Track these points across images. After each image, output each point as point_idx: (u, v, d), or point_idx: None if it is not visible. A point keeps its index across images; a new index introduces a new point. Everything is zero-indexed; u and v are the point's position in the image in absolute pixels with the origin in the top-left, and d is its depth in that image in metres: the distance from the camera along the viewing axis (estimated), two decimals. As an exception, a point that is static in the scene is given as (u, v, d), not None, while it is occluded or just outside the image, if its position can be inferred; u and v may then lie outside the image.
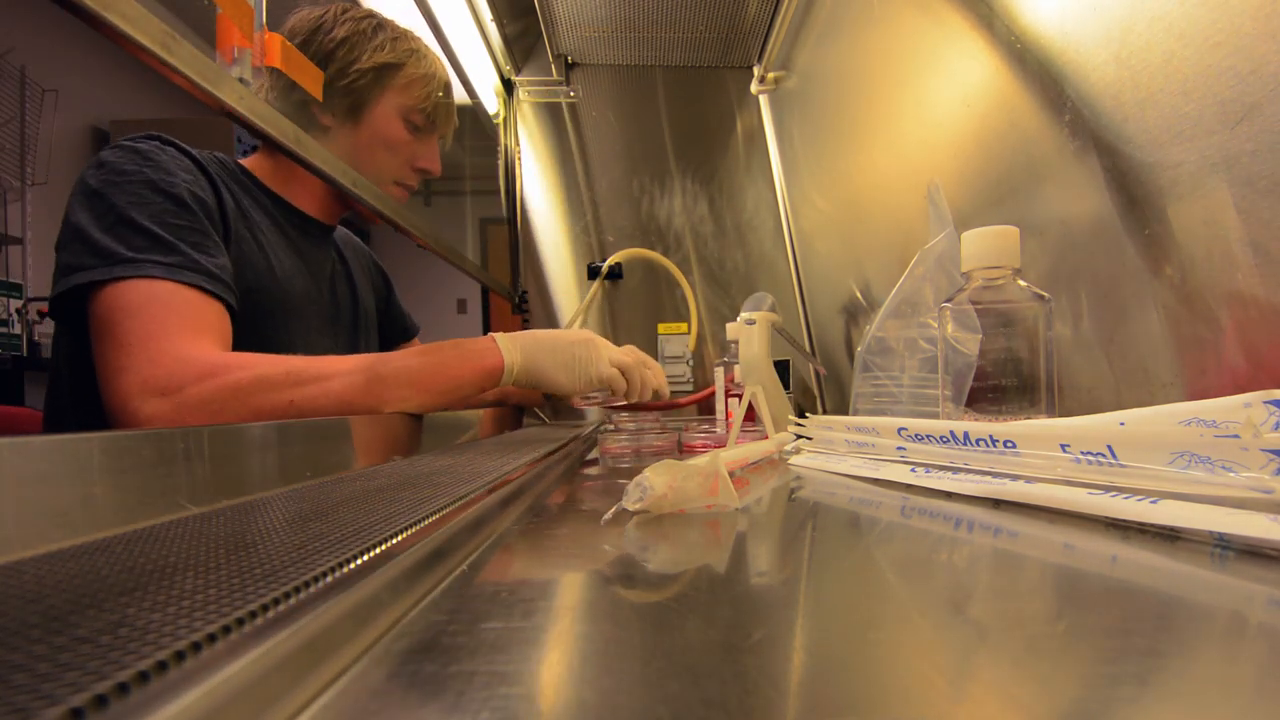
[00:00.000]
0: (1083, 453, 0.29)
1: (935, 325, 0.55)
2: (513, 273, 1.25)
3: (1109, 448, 0.28)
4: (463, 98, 1.17)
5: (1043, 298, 0.42)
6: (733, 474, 0.43)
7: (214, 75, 0.41)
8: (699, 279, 1.23)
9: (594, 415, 1.19)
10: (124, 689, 0.10)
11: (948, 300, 0.45)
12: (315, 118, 0.70)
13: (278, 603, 0.14)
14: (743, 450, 0.49)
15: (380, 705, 0.13)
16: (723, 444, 0.59)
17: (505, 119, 1.25)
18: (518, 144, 1.24)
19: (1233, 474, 0.23)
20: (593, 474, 0.51)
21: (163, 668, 0.11)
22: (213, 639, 0.12)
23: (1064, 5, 0.45)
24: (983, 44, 0.55)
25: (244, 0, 0.48)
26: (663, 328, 1.23)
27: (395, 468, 0.39)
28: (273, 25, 0.52)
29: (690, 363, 1.21)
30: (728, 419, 0.80)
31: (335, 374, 0.55)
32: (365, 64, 0.70)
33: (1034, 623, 0.17)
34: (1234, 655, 0.15)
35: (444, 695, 0.13)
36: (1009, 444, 0.33)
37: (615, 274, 1.22)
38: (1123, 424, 0.28)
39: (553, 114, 1.24)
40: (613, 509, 0.30)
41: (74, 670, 0.10)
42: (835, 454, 0.49)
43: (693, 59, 1.20)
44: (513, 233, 1.25)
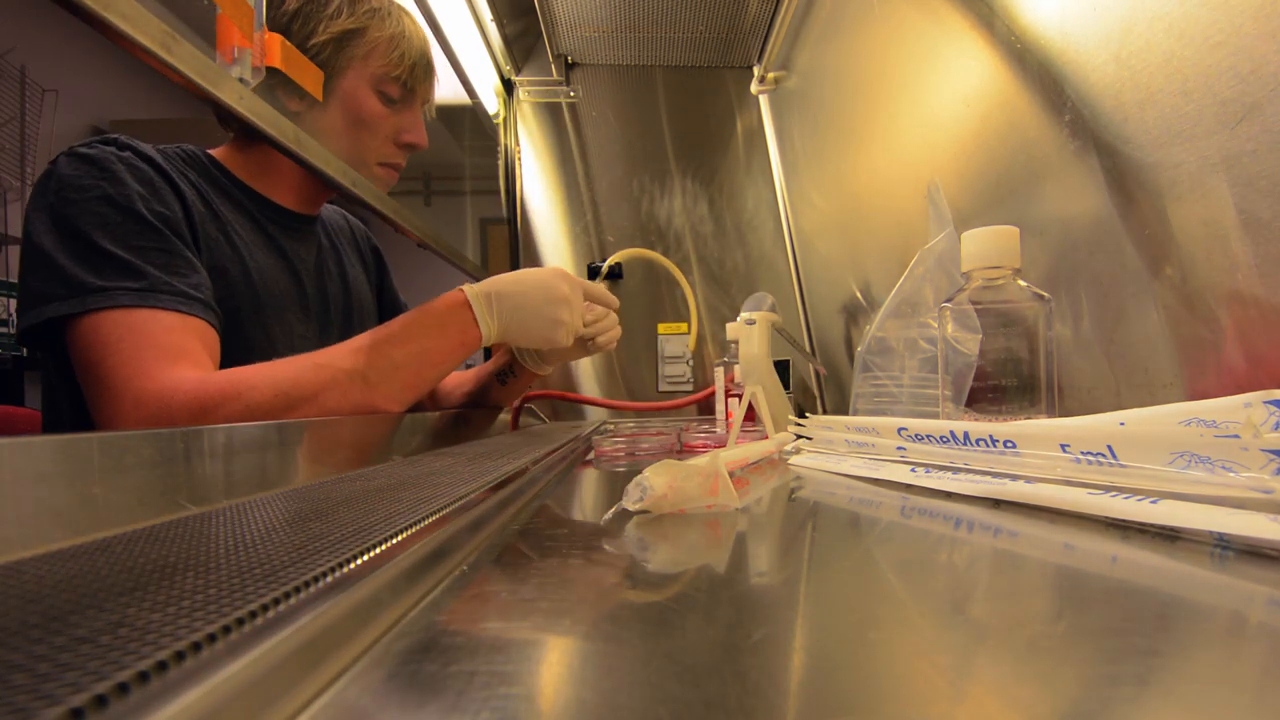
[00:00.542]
0: (1083, 453, 0.29)
1: (935, 325, 0.55)
2: (513, 273, 1.25)
3: (1109, 448, 0.28)
4: (463, 98, 1.17)
5: (1043, 298, 0.42)
6: (733, 474, 0.43)
7: (214, 75, 0.41)
8: (699, 279, 1.23)
9: (594, 415, 1.19)
10: (124, 689, 0.10)
11: (948, 300, 0.45)
12: (281, 102, 0.62)
13: (278, 603, 0.14)
14: (743, 450, 0.49)
15: (380, 705, 0.13)
16: (723, 444, 0.59)
17: (505, 119, 1.25)
18: (518, 144, 1.24)
19: (1233, 474, 0.23)
20: (592, 474, 0.51)
21: (163, 668, 0.11)
22: (213, 639, 0.12)
23: (1064, 5, 0.45)
24: (983, 44, 0.55)
25: (244, 0, 0.48)
26: (663, 328, 1.23)
27: (395, 468, 0.39)
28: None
29: (690, 363, 1.21)
30: (728, 419, 0.80)
31: (324, 388, 0.53)
32: (322, 35, 0.62)
33: (1034, 623, 0.17)
34: (1234, 655, 0.15)
35: (444, 695, 0.13)
36: (1009, 444, 0.33)
37: (615, 274, 1.22)
38: (1123, 424, 0.28)
39: (553, 114, 1.24)
40: (613, 509, 0.30)
41: (74, 670, 0.10)
42: (835, 454, 0.49)
43: (693, 59, 1.20)
44: (513, 233, 1.25)
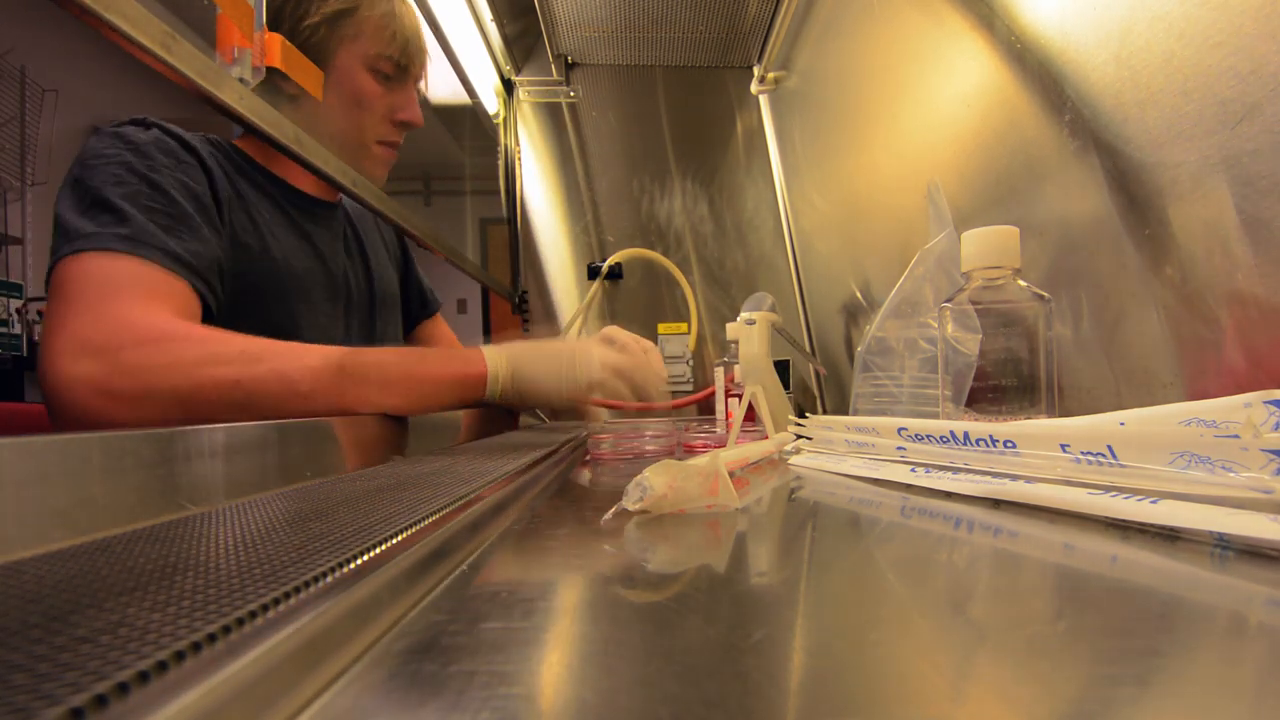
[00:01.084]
0: (1083, 453, 0.29)
1: (935, 325, 0.55)
2: (513, 273, 1.25)
3: (1109, 448, 0.28)
4: (463, 98, 1.17)
5: (1043, 298, 0.42)
6: (733, 474, 0.43)
7: (214, 75, 0.41)
8: (699, 279, 1.23)
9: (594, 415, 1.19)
10: (124, 689, 0.10)
11: (948, 300, 0.45)
12: (280, 87, 0.62)
13: (278, 603, 0.14)
14: (743, 450, 0.49)
15: (380, 705, 0.13)
16: (722, 444, 0.59)
17: (505, 119, 1.25)
18: (518, 144, 1.24)
19: (1233, 474, 0.23)
20: (592, 475, 0.51)
21: (163, 668, 0.11)
22: (213, 639, 0.12)
23: (1064, 5, 0.45)
24: (983, 44, 0.55)
25: (244, 0, 0.48)
26: (663, 328, 1.23)
27: (395, 468, 0.39)
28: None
29: (690, 363, 1.21)
30: (728, 419, 0.80)
31: (296, 359, 0.50)
32: (315, 17, 0.63)
33: (1034, 623, 0.17)
34: (1234, 655, 0.15)
35: (444, 695, 0.13)
36: (1009, 444, 0.33)
37: (615, 274, 1.22)
38: (1123, 424, 0.28)
39: (553, 114, 1.24)
40: (613, 509, 0.30)
41: (74, 670, 0.10)
42: (835, 454, 0.49)
43: (693, 59, 1.20)
44: (513, 233, 1.25)
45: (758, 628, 0.17)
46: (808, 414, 0.57)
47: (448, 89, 1.14)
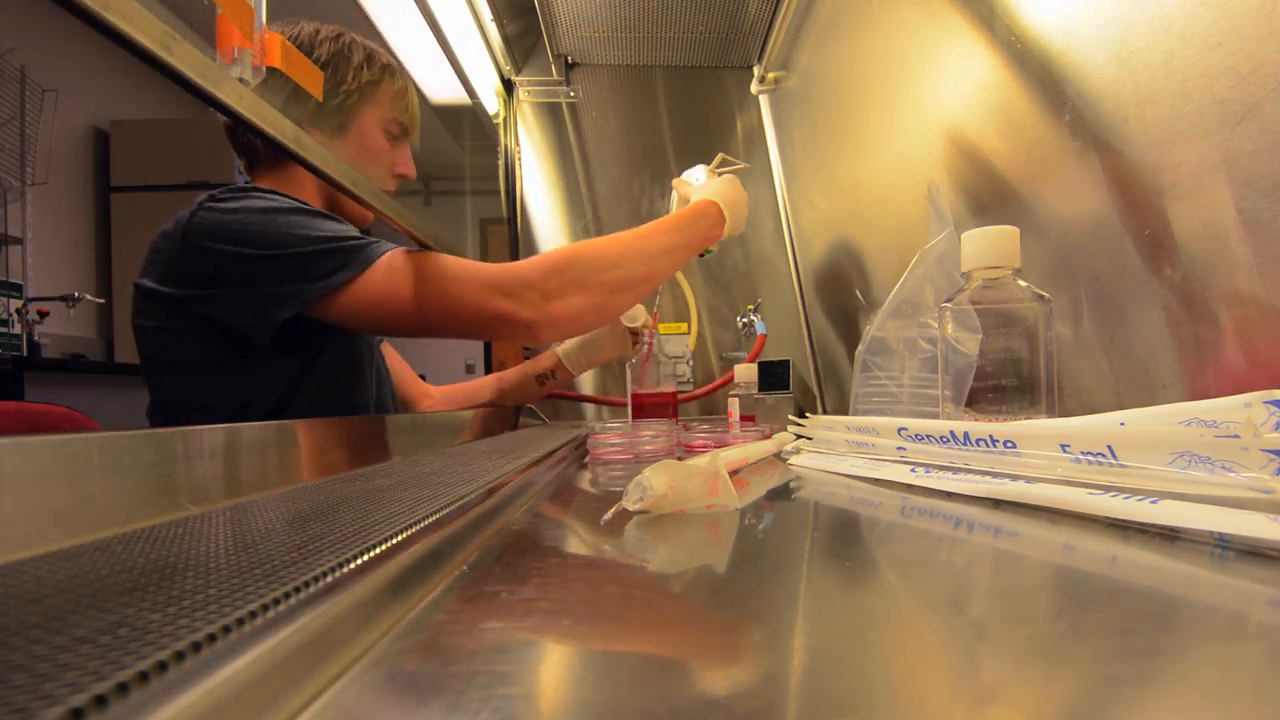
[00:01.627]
0: (1083, 453, 0.29)
1: (935, 325, 0.55)
2: (513, 273, 1.25)
3: (1109, 448, 0.28)
4: (463, 98, 1.17)
5: (1043, 298, 0.42)
6: (733, 474, 0.43)
7: (214, 75, 0.41)
8: (699, 279, 1.23)
9: (595, 415, 1.19)
10: (124, 689, 0.10)
11: (948, 300, 0.45)
12: (310, 135, 0.73)
13: (278, 603, 0.14)
14: (743, 450, 0.49)
15: (380, 705, 0.13)
16: (723, 444, 0.59)
17: (505, 119, 1.25)
18: (518, 144, 1.24)
19: (1233, 474, 0.23)
20: (592, 475, 0.51)
21: (163, 668, 0.11)
22: (213, 639, 0.12)
23: (1064, 5, 0.45)
24: (983, 44, 0.55)
25: (244, 0, 0.48)
26: (663, 328, 1.23)
27: (395, 468, 0.39)
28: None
29: (690, 363, 1.21)
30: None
31: (635, 249, 0.68)
32: (351, 84, 0.76)
33: (1034, 623, 0.17)
34: (1234, 655, 0.15)
35: (444, 695, 0.13)
36: (1009, 444, 0.33)
37: (615, 274, 1.22)
38: (1123, 424, 0.28)
39: (553, 114, 1.24)
40: (613, 509, 0.30)
41: (74, 670, 0.10)
42: (835, 454, 0.49)
43: (693, 59, 1.20)
44: (513, 233, 1.25)
45: (758, 628, 0.17)
46: (808, 414, 0.57)
47: (448, 89, 1.14)
